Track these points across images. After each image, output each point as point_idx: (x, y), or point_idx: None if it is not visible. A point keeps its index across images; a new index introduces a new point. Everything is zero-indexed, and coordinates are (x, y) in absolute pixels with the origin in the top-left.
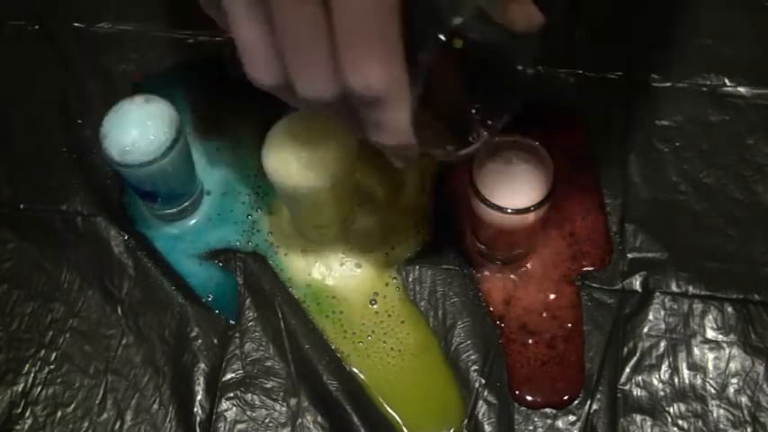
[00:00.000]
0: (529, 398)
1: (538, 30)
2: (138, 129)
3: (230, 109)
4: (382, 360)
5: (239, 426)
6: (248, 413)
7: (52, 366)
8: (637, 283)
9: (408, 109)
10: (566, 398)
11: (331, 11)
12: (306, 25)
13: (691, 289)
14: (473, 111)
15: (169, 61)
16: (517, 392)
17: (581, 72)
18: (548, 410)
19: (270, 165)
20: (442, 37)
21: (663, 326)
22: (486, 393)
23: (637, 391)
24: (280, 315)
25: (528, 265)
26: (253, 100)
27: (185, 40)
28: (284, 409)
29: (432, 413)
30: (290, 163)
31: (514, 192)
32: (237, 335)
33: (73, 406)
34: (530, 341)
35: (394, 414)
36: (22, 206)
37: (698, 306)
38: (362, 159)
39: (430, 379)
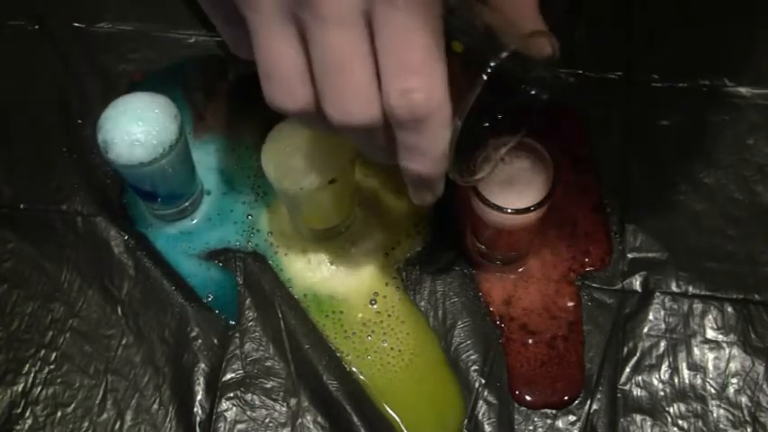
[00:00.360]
0: (529, 398)
1: (555, 59)
2: (138, 128)
3: (230, 109)
4: (382, 360)
5: (239, 426)
6: (248, 413)
7: (52, 366)
8: (637, 283)
9: (448, 135)
10: (566, 398)
11: (375, 32)
12: (349, 47)
13: (691, 289)
14: (489, 137)
15: (169, 61)
16: (517, 392)
17: (581, 72)
18: (548, 410)
19: (269, 165)
20: (484, 77)
21: (663, 326)
22: (486, 393)
23: (637, 391)
24: (280, 315)
25: (528, 265)
26: (253, 100)
27: (185, 40)
28: (284, 409)
29: (432, 413)
30: (289, 163)
31: (514, 192)
32: (237, 335)
33: (73, 406)
34: (530, 341)
35: (394, 414)
36: (22, 206)
37: (698, 306)
38: (362, 160)
39: (430, 379)
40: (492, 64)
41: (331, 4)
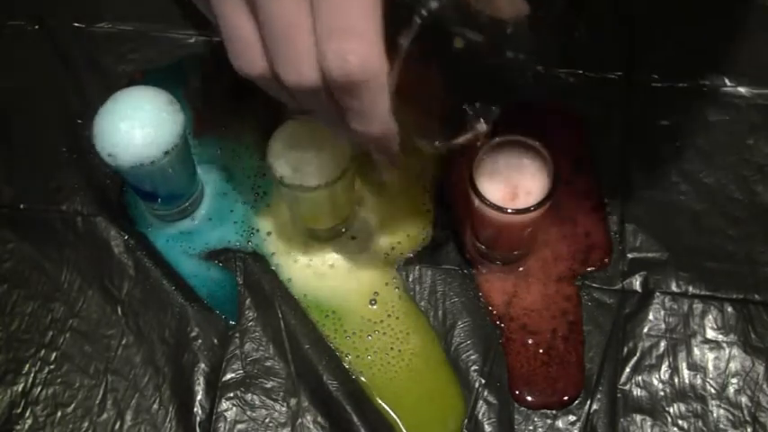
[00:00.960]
0: (529, 398)
1: (526, 20)
2: (137, 128)
3: (230, 109)
4: (382, 360)
5: (239, 426)
6: (248, 413)
7: (52, 366)
8: (637, 283)
9: (387, 95)
10: (565, 398)
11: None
12: (289, 13)
13: (691, 289)
14: (465, 105)
15: (169, 61)
16: (517, 392)
17: (581, 72)
18: (548, 410)
19: (275, 164)
20: (418, 20)
21: (663, 326)
22: (486, 393)
23: (637, 391)
24: (280, 315)
25: (528, 265)
26: (253, 100)
27: (185, 40)
28: (284, 409)
29: (432, 413)
30: (294, 162)
31: (514, 192)
32: (237, 335)
33: (73, 406)
34: (530, 341)
35: (394, 414)
36: (22, 206)
37: (698, 306)
38: (363, 160)
39: (430, 379)
40: (429, 6)
41: None
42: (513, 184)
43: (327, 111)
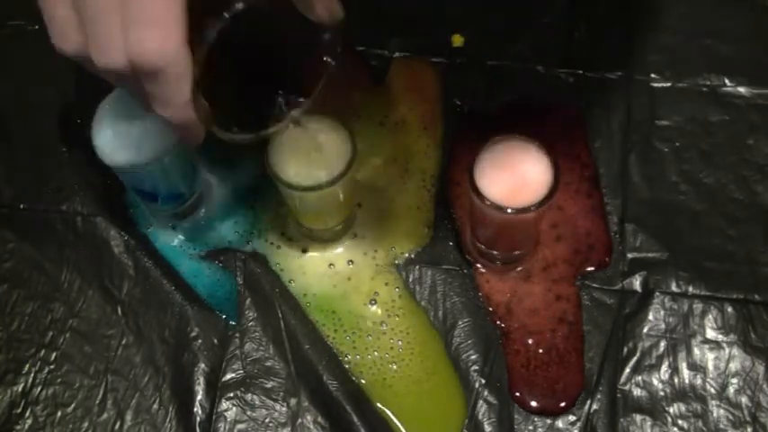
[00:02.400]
0: (529, 401)
1: (340, 23)
2: (136, 126)
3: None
4: (382, 359)
5: (239, 426)
6: (248, 413)
7: (52, 366)
8: (637, 283)
9: (188, 85)
10: (563, 404)
11: None
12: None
13: (691, 289)
14: (277, 94)
15: None
16: (517, 394)
17: (581, 72)
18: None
19: (275, 165)
20: (226, 15)
21: (663, 326)
22: (486, 393)
23: (637, 391)
24: (280, 315)
25: (528, 265)
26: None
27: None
28: (284, 409)
29: (432, 413)
30: (294, 163)
31: (514, 192)
32: (237, 335)
33: (73, 406)
34: (530, 341)
35: (394, 414)
36: (22, 206)
37: (698, 306)
38: (363, 161)
39: (430, 379)
40: (230, 12)
41: None
42: (513, 184)
43: (137, 94)
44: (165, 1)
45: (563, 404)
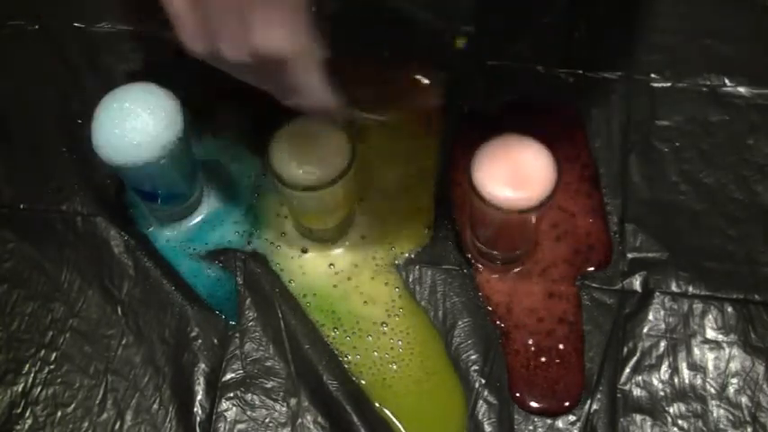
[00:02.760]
0: (528, 402)
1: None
2: (136, 125)
3: (230, 109)
4: (382, 359)
5: (239, 426)
6: (248, 413)
7: (52, 366)
8: (637, 283)
9: (317, 68)
10: (566, 404)
11: None
12: None
13: (691, 289)
14: (417, 75)
15: (169, 61)
16: (517, 395)
17: (581, 72)
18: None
19: (275, 164)
20: None
21: (663, 326)
22: (486, 393)
23: (637, 391)
24: (280, 315)
25: (528, 265)
26: (253, 99)
27: None
28: (284, 409)
29: (432, 413)
30: (294, 163)
31: (514, 191)
32: (237, 335)
33: (73, 406)
34: (529, 341)
35: (394, 414)
36: (22, 206)
37: (698, 306)
38: (363, 161)
39: (431, 378)
40: None
41: None
42: (513, 184)
43: (272, 86)
44: (290, 4)
45: (563, 404)
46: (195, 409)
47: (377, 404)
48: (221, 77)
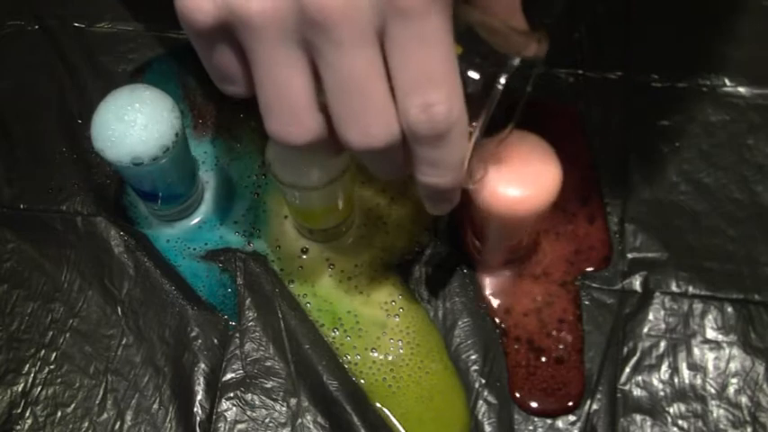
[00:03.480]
0: (528, 400)
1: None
2: (135, 125)
3: (230, 108)
4: (382, 359)
5: (239, 426)
6: (248, 413)
7: (52, 366)
8: (637, 283)
9: (467, 146)
10: (563, 404)
11: (388, 48)
12: (366, 68)
13: (691, 289)
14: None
15: (168, 61)
16: (517, 396)
17: (581, 72)
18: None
19: (274, 163)
20: (502, 81)
21: (663, 326)
22: (486, 393)
23: (637, 391)
24: (280, 315)
25: (528, 265)
26: (253, 99)
27: (185, 40)
28: (284, 409)
29: (432, 413)
30: (293, 162)
31: (516, 192)
32: (237, 335)
33: (73, 406)
34: (529, 341)
35: (394, 415)
36: (22, 206)
37: (698, 306)
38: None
39: (430, 379)
40: (506, 75)
41: (346, 26)
42: (514, 183)
43: (392, 164)
44: (442, 57)
45: (563, 404)
46: (195, 409)
47: (377, 404)
48: None
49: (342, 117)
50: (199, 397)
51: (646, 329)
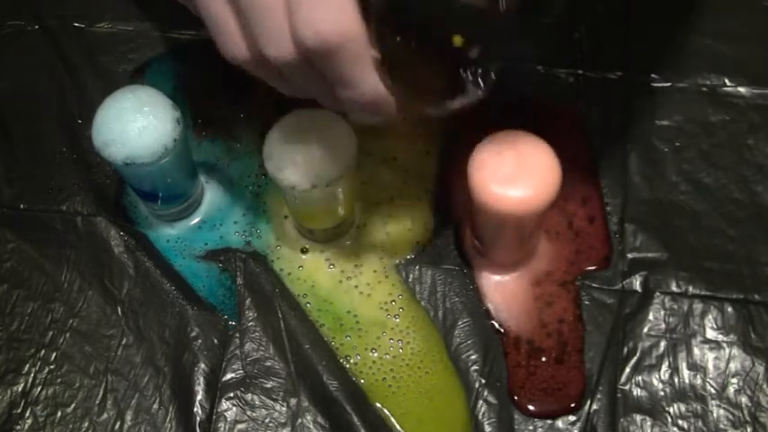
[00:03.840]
0: (528, 400)
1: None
2: (136, 125)
3: (230, 108)
4: (382, 359)
5: (239, 426)
6: (248, 413)
7: (52, 366)
8: (637, 283)
9: (369, 59)
10: (563, 405)
11: None
12: None
13: (691, 289)
14: (461, 70)
15: (168, 61)
16: (516, 398)
17: (581, 72)
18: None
19: (271, 164)
20: None
21: (663, 326)
22: (486, 393)
23: (637, 391)
24: (280, 315)
25: (528, 265)
26: (253, 99)
27: (185, 40)
28: (284, 409)
29: (432, 413)
30: (292, 161)
31: (516, 191)
32: (237, 335)
33: (73, 406)
34: (529, 341)
35: (394, 415)
36: (22, 206)
37: (698, 306)
38: (362, 161)
39: (430, 379)
40: None
41: None
42: (514, 183)
43: (318, 85)
44: None
45: (563, 404)
46: (195, 409)
47: (377, 404)
48: (222, 77)
49: (255, 38)
50: (199, 397)
51: (646, 329)
